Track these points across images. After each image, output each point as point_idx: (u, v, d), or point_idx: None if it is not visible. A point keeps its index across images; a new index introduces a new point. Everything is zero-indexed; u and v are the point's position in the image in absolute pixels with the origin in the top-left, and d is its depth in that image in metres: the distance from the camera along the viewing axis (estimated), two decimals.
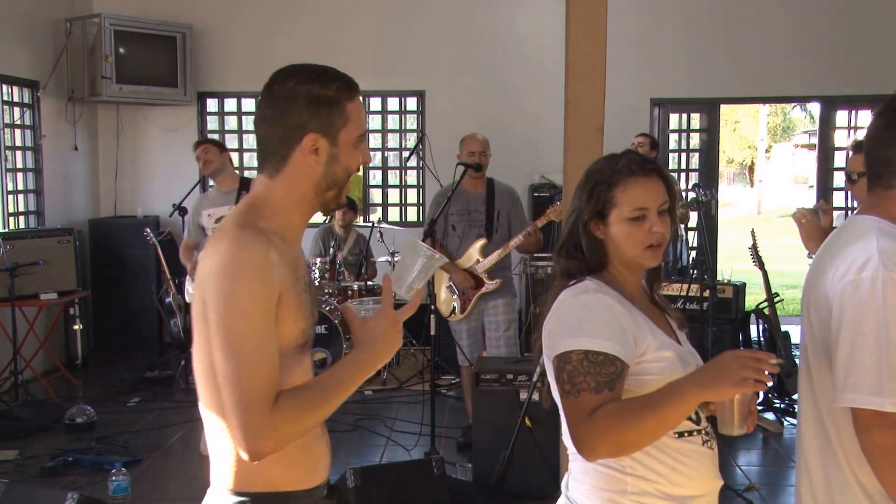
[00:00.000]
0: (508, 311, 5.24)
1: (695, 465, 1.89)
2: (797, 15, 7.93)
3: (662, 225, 1.93)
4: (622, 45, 6.72)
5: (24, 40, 7.03)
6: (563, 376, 1.82)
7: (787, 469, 5.07)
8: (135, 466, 4.88)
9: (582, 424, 1.77)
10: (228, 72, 8.05)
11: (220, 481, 1.74)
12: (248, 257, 1.58)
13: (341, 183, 1.74)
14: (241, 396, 1.55)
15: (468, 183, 5.17)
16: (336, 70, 1.76)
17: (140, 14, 7.62)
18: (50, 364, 6.83)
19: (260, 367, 1.56)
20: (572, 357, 1.81)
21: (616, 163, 1.99)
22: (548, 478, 4.15)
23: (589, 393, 1.77)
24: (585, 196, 1.99)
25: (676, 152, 8.38)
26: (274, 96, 1.73)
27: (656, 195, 1.94)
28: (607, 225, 1.95)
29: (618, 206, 1.93)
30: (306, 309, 1.69)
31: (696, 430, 1.90)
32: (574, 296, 1.91)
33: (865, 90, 7.96)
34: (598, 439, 1.75)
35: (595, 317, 1.85)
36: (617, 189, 1.93)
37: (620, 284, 1.94)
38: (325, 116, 1.69)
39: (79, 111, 7.65)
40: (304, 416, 1.61)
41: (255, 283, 1.57)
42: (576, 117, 3.67)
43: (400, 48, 7.91)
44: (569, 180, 3.76)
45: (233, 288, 1.56)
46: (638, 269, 1.98)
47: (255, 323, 1.56)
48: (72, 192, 7.75)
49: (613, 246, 1.95)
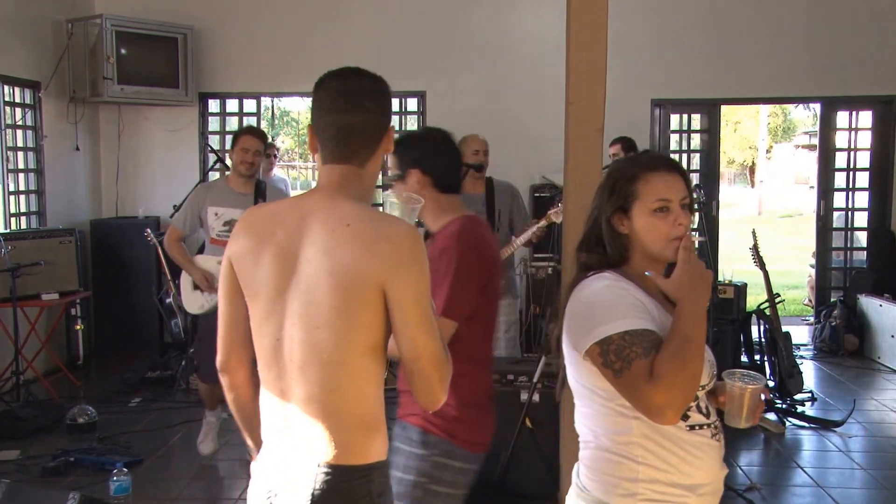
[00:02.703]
0: (509, 312, 5.24)
1: (703, 457, 1.93)
2: (798, 16, 7.93)
3: (685, 217, 1.96)
4: (623, 46, 6.72)
5: (25, 41, 7.03)
6: (609, 357, 1.85)
7: (788, 469, 5.08)
8: (136, 467, 4.88)
9: (645, 389, 1.81)
10: (230, 72, 8.06)
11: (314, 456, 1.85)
12: (420, 242, 1.84)
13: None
14: (445, 363, 1.85)
15: (468, 184, 5.17)
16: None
17: (141, 15, 7.63)
18: (51, 364, 6.83)
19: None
20: (613, 338, 1.85)
21: (636, 159, 2.06)
22: (548, 478, 4.15)
23: (639, 359, 1.82)
24: (607, 192, 2.01)
25: (677, 153, 8.37)
26: (377, 91, 1.92)
27: (678, 188, 1.98)
28: (631, 219, 1.98)
29: (640, 198, 1.96)
30: None
31: (706, 424, 1.95)
32: (594, 284, 1.95)
33: (866, 91, 7.97)
34: (666, 391, 1.79)
35: (620, 300, 1.90)
36: (639, 182, 1.97)
37: (640, 279, 1.98)
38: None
39: (80, 112, 7.65)
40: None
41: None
42: (577, 118, 3.67)
43: (400, 49, 7.91)
44: (570, 180, 3.76)
45: (426, 273, 1.83)
46: (660, 264, 2.00)
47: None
48: (73, 192, 7.75)
49: (638, 240, 1.98)
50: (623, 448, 1.92)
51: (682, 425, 1.90)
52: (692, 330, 1.84)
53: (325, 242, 1.79)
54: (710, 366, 1.97)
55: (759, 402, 1.95)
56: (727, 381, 1.97)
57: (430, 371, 1.82)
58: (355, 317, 1.79)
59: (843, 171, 8.38)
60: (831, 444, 5.48)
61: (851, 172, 8.36)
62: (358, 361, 1.82)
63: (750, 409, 1.94)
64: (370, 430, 1.87)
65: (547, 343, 4.19)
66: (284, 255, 1.83)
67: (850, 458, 5.27)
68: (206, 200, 4.93)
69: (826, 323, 7.90)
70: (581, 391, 2.01)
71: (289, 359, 1.85)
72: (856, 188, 8.36)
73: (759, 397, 1.95)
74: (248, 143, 4.88)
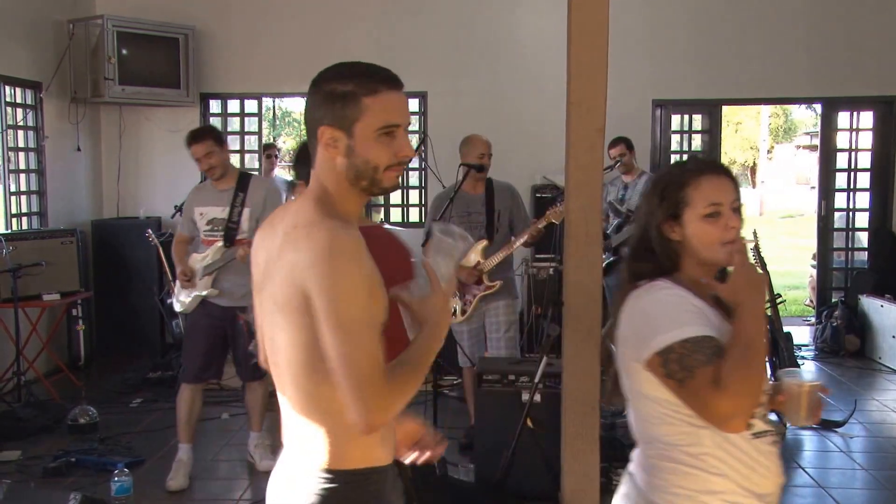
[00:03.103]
0: (509, 312, 5.25)
1: (769, 465, 1.93)
2: (798, 16, 7.93)
3: (737, 221, 1.94)
4: (624, 47, 6.72)
5: (26, 41, 7.04)
6: (672, 367, 1.83)
7: (789, 469, 5.07)
8: (137, 467, 4.88)
9: (711, 397, 1.78)
10: (231, 73, 8.07)
11: (310, 461, 1.82)
12: (346, 243, 1.70)
13: (369, 174, 1.79)
14: (361, 374, 1.66)
15: (468, 185, 5.18)
16: (369, 66, 1.83)
17: (142, 15, 7.63)
18: (52, 365, 6.84)
19: (372, 343, 1.68)
20: (674, 347, 1.83)
21: (684, 165, 2.04)
22: (549, 479, 4.16)
23: (702, 368, 1.80)
24: (657, 199, 1.99)
25: (678, 153, 8.37)
26: (313, 85, 1.84)
27: (728, 191, 1.95)
28: (682, 226, 1.95)
29: (691, 204, 1.94)
30: (380, 294, 1.78)
31: (767, 431, 1.94)
32: (651, 293, 1.94)
33: (867, 91, 7.97)
34: (733, 398, 1.77)
35: (680, 308, 1.88)
36: (689, 188, 1.95)
37: (693, 286, 1.96)
38: (339, 110, 1.77)
39: (81, 112, 7.66)
40: (409, 389, 1.73)
41: (357, 266, 1.69)
42: (578, 118, 3.68)
43: (402, 50, 7.91)
44: (571, 181, 3.77)
45: (340, 273, 1.67)
46: (711, 269, 1.98)
47: (363, 302, 1.69)
48: (74, 193, 7.76)
49: (690, 246, 1.96)
50: (696, 460, 1.89)
51: (747, 434, 1.89)
52: (754, 334, 1.81)
53: (278, 247, 1.78)
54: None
55: (817, 399, 1.95)
56: (785, 380, 1.97)
57: (344, 384, 1.67)
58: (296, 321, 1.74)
59: (845, 171, 8.38)
60: (832, 444, 5.48)
61: (852, 173, 8.36)
62: (321, 366, 1.73)
63: (809, 406, 1.94)
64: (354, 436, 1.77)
65: (549, 343, 4.19)
66: (266, 256, 1.85)
67: (851, 459, 5.27)
68: (194, 201, 4.95)
69: (827, 323, 7.90)
70: (643, 401, 1.97)
71: (272, 361, 1.87)
72: (857, 189, 8.36)
73: (817, 394, 1.94)
74: (195, 152, 4.75)
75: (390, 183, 1.82)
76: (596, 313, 3.78)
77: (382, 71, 1.83)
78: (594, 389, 3.80)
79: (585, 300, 3.76)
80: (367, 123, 1.77)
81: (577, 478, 3.85)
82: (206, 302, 4.86)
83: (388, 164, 1.79)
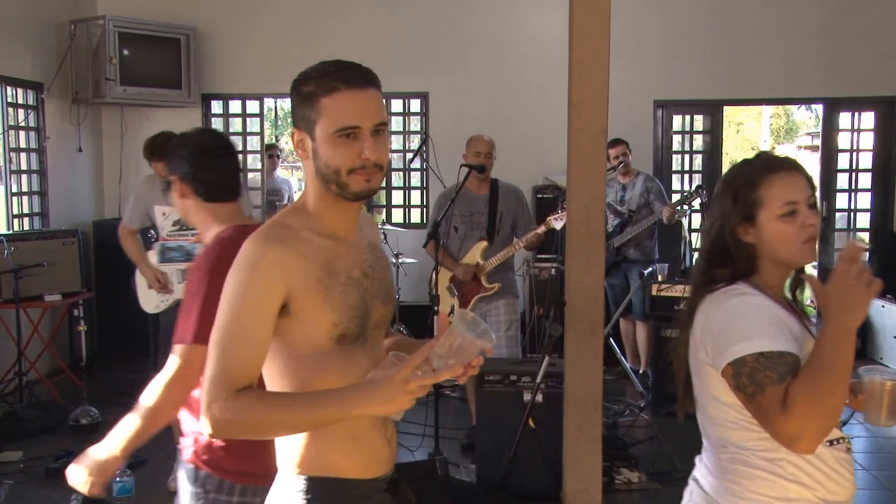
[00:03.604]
0: (510, 311, 5.25)
1: (844, 472, 1.87)
2: (799, 17, 7.93)
3: (814, 217, 1.87)
4: (625, 48, 6.72)
5: (28, 42, 7.05)
6: (742, 380, 1.77)
7: None
8: (139, 467, 4.88)
9: (777, 417, 1.71)
10: (232, 74, 8.07)
11: (286, 464, 1.82)
12: (250, 253, 1.68)
13: (333, 178, 1.73)
14: (211, 374, 1.65)
15: (472, 184, 5.18)
16: (336, 64, 1.75)
17: (144, 16, 7.64)
18: (54, 365, 6.84)
19: (235, 353, 1.65)
20: (747, 360, 1.76)
21: (753, 163, 1.94)
22: (551, 479, 4.16)
23: (773, 386, 1.73)
24: (730, 201, 1.91)
25: (679, 154, 8.38)
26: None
27: (802, 188, 1.88)
28: (757, 227, 1.89)
29: (766, 204, 1.87)
30: (340, 301, 1.73)
31: (841, 438, 1.88)
32: (731, 299, 1.86)
33: (868, 92, 7.97)
34: (798, 421, 1.69)
35: (760, 318, 1.81)
36: (762, 188, 1.88)
37: (769, 289, 1.90)
38: (302, 112, 1.74)
39: (83, 113, 7.67)
40: (251, 426, 1.66)
41: (247, 277, 1.67)
42: (579, 119, 3.68)
43: (403, 50, 7.92)
44: (572, 181, 3.77)
45: (232, 279, 1.68)
46: (789, 270, 1.94)
47: (239, 313, 1.66)
48: (76, 193, 7.76)
49: (767, 247, 1.89)
50: (773, 465, 1.84)
51: (824, 440, 1.83)
52: (830, 355, 1.69)
53: None
54: None
55: None
56: (865, 378, 1.89)
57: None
58: None
59: (846, 172, 8.38)
60: None
61: (854, 173, 8.36)
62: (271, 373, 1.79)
63: (890, 405, 1.85)
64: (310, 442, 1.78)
65: (551, 343, 4.19)
66: None
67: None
68: (152, 198, 4.78)
69: None
70: (717, 405, 1.91)
71: None
72: (858, 189, 8.36)
73: None
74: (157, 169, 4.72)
75: (358, 187, 1.73)
76: (598, 313, 3.79)
77: (347, 69, 1.74)
78: (596, 389, 3.80)
79: (587, 300, 3.76)
80: (324, 125, 1.71)
81: (579, 477, 3.85)
82: (178, 302, 4.84)
83: (349, 168, 1.71)
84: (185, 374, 2.22)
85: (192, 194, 2.42)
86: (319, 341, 1.73)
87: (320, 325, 1.71)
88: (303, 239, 1.73)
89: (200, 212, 2.44)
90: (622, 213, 6.78)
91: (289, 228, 1.73)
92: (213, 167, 2.44)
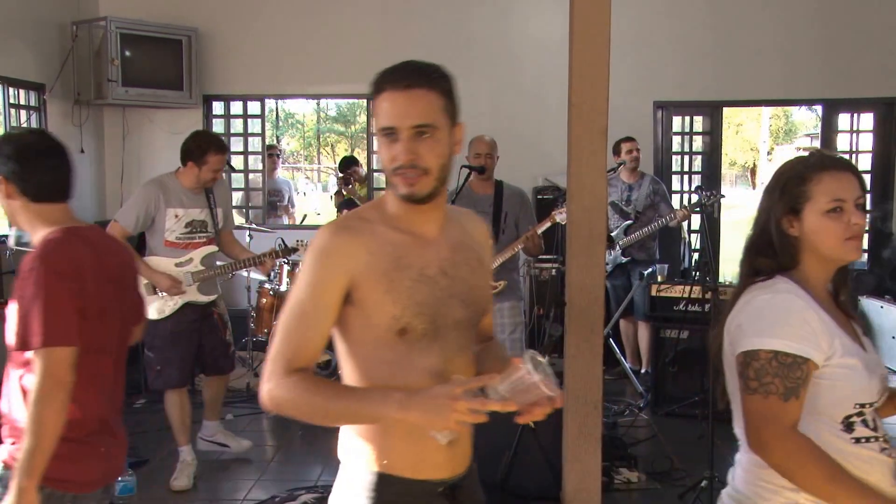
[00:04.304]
0: (514, 314, 5.25)
1: (871, 471, 1.86)
2: (799, 18, 7.94)
3: (861, 217, 1.89)
4: (625, 49, 6.74)
5: (30, 43, 7.06)
6: (748, 372, 1.81)
7: None
8: (141, 467, 4.91)
9: (770, 432, 1.79)
10: (234, 75, 8.09)
11: (343, 452, 1.90)
12: (320, 240, 1.77)
13: (387, 178, 1.81)
14: (273, 351, 1.76)
15: (474, 185, 5.19)
16: (397, 65, 1.83)
17: (146, 17, 7.65)
18: None
19: (293, 333, 1.75)
20: (760, 355, 1.81)
21: (807, 160, 1.98)
22: (550, 478, 4.18)
23: (777, 398, 1.78)
24: (777, 193, 1.95)
25: (679, 154, 8.40)
26: None
27: (852, 188, 1.91)
28: (802, 221, 1.91)
29: (812, 199, 1.90)
30: (405, 296, 1.75)
31: (872, 437, 1.88)
32: (765, 293, 1.89)
33: (867, 93, 7.98)
34: (783, 461, 1.79)
35: (787, 317, 1.83)
36: (810, 183, 1.90)
37: (811, 285, 1.91)
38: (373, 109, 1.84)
39: (85, 114, 7.69)
40: (298, 406, 1.73)
41: (313, 262, 1.76)
42: (579, 120, 3.69)
43: (404, 51, 7.86)
44: (573, 183, 3.78)
45: (304, 263, 1.80)
46: (832, 266, 1.95)
47: (302, 296, 1.76)
48: (78, 194, 7.69)
49: (810, 241, 1.91)
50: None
51: (848, 437, 1.85)
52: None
53: None
54: (881, 380, 1.91)
55: None
56: None
57: None
58: None
59: None
60: None
61: None
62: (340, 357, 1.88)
63: None
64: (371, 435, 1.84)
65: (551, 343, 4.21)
66: None
67: None
68: (163, 202, 4.75)
69: None
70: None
71: None
72: None
73: None
74: (218, 162, 4.80)
75: (402, 190, 1.77)
76: (598, 313, 3.80)
77: (398, 70, 1.80)
78: (596, 389, 3.82)
79: (587, 300, 3.78)
80: (375, 124, 1.80)
81: (578, 477, 3.86)
82: (186, 304, 4.85)
83: (391, 169, 1.77)
84: (56, 375, 2.18)
85: (17, 194, 2.38)
86: (379, 333, 1.76)
87: (381, 316, 1.75)
88: (375, 232, 1.78)
89: (27, 212, 2.40)
90: (628, 213, 6.79)
91: (364, 221, 1.81)
92: (40, 167, 2.41)
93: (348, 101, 22.23)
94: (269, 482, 4.85)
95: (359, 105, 22.85)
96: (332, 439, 1.97)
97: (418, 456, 1.82)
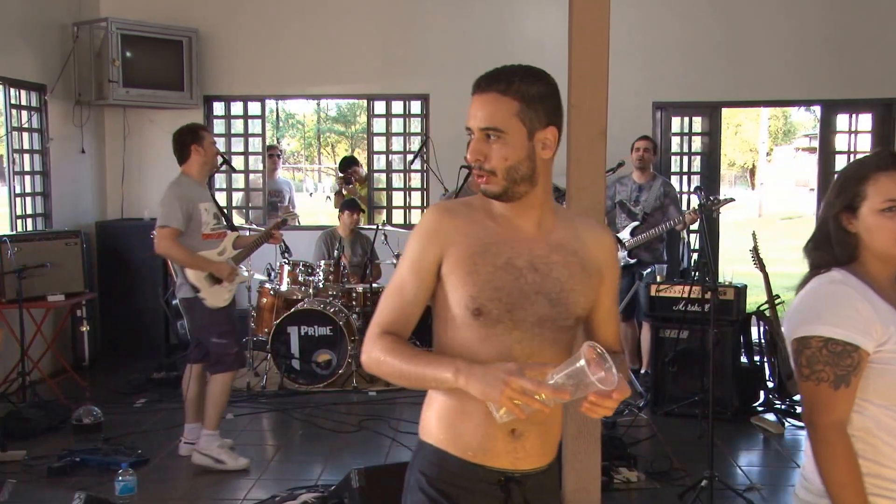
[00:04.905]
0: None
1: None
2: (798, 19, 7.97)
3: None
4: (625, 50, 6.76)
5: (31, 44, 7.08)
6: (801, 359, 1.92)
7: (787, 469, 5.11)
8: (141, 467, 4.92)
9: (819, 418, 1.90)
10: (234, 75, 8.11)
11: (420, 428, 2.00)
12: (422, 220, 1.93)
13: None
14: (375, 314, 1.93)
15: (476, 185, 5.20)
16: (496, 68, 2.03)
17: (146, 18, 7.68)
18: (57, 365, 6.88)
19: (389, 302, 1.91)
20: (812, 342, 1.91)
21: (866, 160, 2.06)
22: None
23: (828, 385, 1.88)
24: (836, 190, 2.04)
25: (678, 155, 8.42)
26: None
27: None
28: (858, 218, 1.99)
29: (869, 198, 1.97)
30: (485, 280, 1.84)
31: None
32: (819, 284, 1.99)
33: (866, 94, 8.00)
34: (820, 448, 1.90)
35: (836, 305, 1.92)
36: (867, 182, 1.98)
37: (871, 277, 1.99)
38: None
39: (86, 114, 7.71)
40: (381, 366, 1.86)
41: (413, 237, 1.92)
42: (579, 121, 3.70)
43: (404, 52, 7.95)
44: (572, 184, 3.80)
45: (409, 239, 1.94)
46: (890, 262, 2.01)
47: (401, 268, 1.92)
48: (79, 194, 7.80)
49: (865, 238, 1.99)
50: (861, 444, 1.93)
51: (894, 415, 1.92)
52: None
53: None
54: None
55: None
56: None
57: None
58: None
59: None
60: None
61: None
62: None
63: None
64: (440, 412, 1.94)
65: None
66: None
67: None
68: (195, 198, 4.92)
69: None
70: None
71: None
72: None
73: None
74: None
75: (480, 187, 1.91)
76: None
77: (486, 73, 1.99)
78: None
79: None
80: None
81: (578, 477, 3.87)
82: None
83: (471, 166, 1.91)
84: None
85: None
86: (457, 310, 1.86)
87: (461, 294, 1.85)
88: (473, 217, 1.91)
89: None
90: (636, 214, 6.79)
91: (467, 206, 1.95)
92: None
93: (348, 101, 22.28)
94: (270, 482, 4.86)
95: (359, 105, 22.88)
96: (332, 439, 1.99)
97: (479, 440, 1.87)
